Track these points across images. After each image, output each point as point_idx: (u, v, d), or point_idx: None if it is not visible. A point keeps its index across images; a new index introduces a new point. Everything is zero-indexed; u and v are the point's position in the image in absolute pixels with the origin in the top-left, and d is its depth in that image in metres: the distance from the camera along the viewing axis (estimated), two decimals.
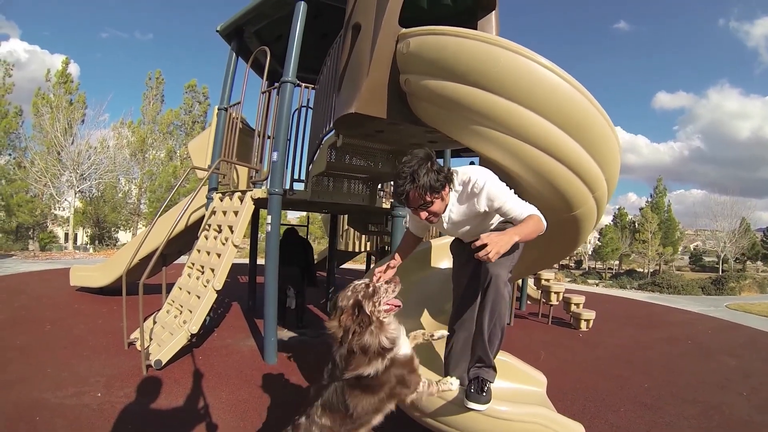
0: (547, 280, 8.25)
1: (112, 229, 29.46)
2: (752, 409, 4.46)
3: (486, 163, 2.89)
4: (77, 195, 24.86)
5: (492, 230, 2.59)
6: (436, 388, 2.38)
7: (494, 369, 2.51)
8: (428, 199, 2.39)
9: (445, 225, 2.67)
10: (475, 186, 2.44)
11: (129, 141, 26.41)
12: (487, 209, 2.46)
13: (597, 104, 2.66)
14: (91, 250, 24.57)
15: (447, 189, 2.46)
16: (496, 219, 2.66)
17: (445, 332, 2.72)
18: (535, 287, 8.90)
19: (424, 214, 2.49)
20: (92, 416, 3.45)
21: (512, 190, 2.47)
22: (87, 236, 29.64)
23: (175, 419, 3.55)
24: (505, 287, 2.37)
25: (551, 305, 8.27)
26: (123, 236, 30.21)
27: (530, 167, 2.67)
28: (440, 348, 3.04)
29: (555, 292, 8.18)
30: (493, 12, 3.93)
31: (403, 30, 3.05)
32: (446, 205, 2.54)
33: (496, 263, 2.23)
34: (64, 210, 26.41)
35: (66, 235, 27.80)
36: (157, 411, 3.68)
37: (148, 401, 3.81)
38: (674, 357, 6.46)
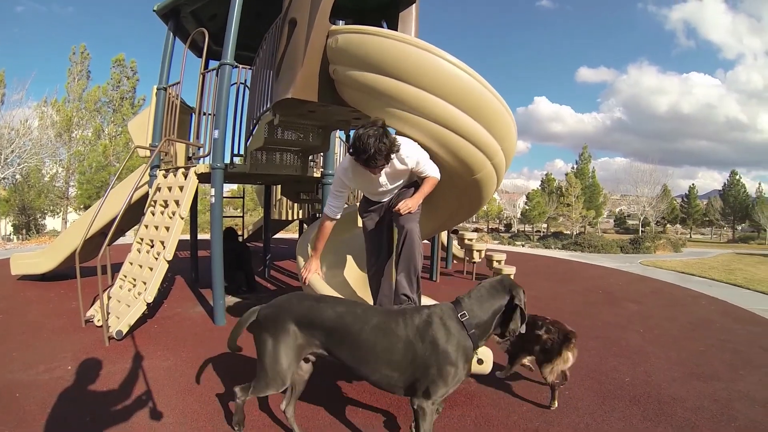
0: (470, 240, 9.06)
1: (38, 215, 27.84)
2: (645, 343, 5.28)
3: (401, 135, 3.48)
4: (0, 183, 23.40)
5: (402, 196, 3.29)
6: None
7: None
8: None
9: (381, 182, 3.23)
10: (408, 157, 3.10)
11: (54, 121, 24.91)
12: (412, 166, 3.13)
13: (492, 89, 3.31)
14: (15, 240, 23.11)
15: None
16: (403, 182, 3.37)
17: None
18: (460, 247, 9.71)
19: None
20: (67, 386, 3.65)
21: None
22: (10, 225, 27.83)
23: (145, 377, 3.87)
24: (418, 237, 3.02)
25: (474, 262, 9.11)
26: (51, 222, 28.72)
27: (437, 141, 3.29)
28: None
29: (477, 250, 9.01)
30: (414, 5, 4.48)
31: (333, 27, 3.55)
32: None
33: (409, 220, 2.89)
34: None
35: None
36: (128, 371, 3.97)
37: (118, 366, 4.07)
38: (585, 304, 7.28)
